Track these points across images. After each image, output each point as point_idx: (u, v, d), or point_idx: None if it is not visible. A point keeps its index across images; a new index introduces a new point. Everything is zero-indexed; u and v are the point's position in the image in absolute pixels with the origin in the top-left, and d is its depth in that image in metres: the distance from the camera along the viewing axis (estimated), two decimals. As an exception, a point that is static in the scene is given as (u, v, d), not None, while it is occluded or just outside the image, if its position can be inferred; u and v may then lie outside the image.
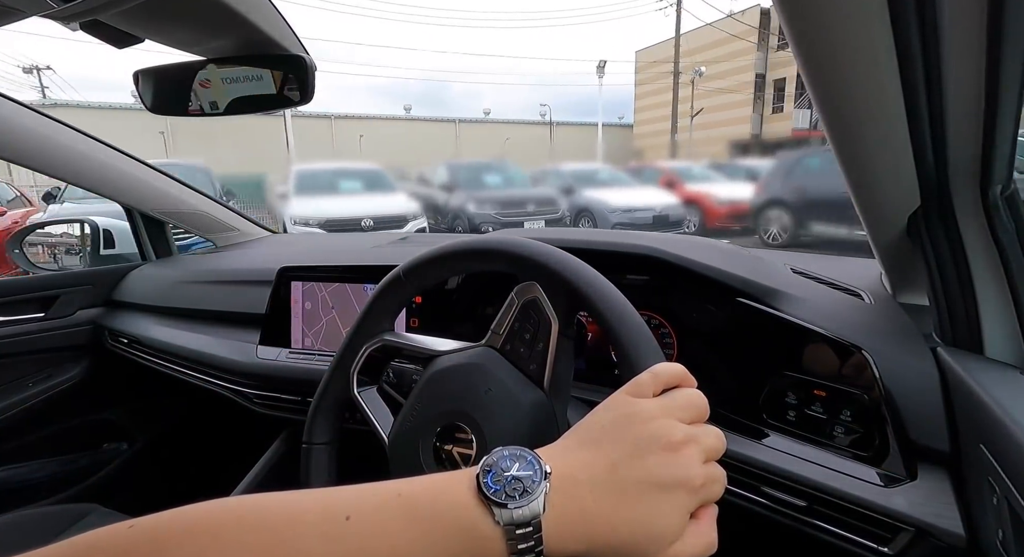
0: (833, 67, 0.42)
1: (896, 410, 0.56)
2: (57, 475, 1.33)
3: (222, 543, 0.27)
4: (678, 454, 0.32)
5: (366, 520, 0.30)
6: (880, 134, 0.49)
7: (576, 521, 0.31)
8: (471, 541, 0.30)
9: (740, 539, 0.78)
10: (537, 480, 0.31)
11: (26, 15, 0.47)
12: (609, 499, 0.31)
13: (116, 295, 1.37)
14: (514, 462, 0.32)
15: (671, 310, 0.76)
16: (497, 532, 0.30)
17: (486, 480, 0.31)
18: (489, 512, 0.30)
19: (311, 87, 0.70)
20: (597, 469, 0.32)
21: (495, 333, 0.51)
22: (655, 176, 7.80)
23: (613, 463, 0.32)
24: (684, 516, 0.32)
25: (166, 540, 0.28)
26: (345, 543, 0.29)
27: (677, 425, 0.34)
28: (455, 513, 0.31)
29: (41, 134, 1.08)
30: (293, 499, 0.30)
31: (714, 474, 0.34)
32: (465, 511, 0.31)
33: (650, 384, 0.37)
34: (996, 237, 0.52)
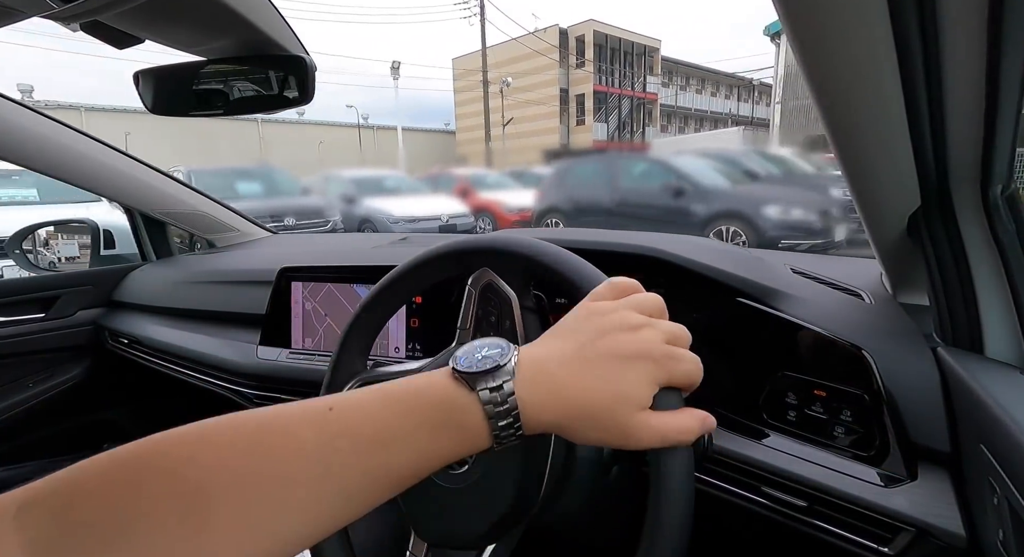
0: (833, 67, 0.42)
1: (896, 410, 0.56)
2: (57, 475, 1.33)
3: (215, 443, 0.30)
4: (637, 332, 0.36)
5: (348, 407, 0.32)
6: (880, 134, 0.49)
7: (548, 389, 0.34)
8: (450, 412, 0.33)
9: (740, 539, 0.78)
10: (507, 354, 0.34)
11: (26, 16, 0.47)
12: (577, 370, 0.34)
13: (116, 295, 1.37)
14: (484, 347, 0.35)
15: (671, 310, 0.76)
16: (472, 398, 0.33)
17: (459, 363, 0.34)
18: (464, 384, 0.33)
19: (311, 87, 0.70)
20: (565, 351, 0.35)
21: (462, 330, 0.52)
22: (452, 183, 7.71)
23: (580, 344, 0.35)
24: (650, 383, 0.35)
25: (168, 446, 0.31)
26: (330, 426, 0.31)
27: (635, 314, 0.37)
28: (432, 390, 0.33)
29: (41, 134, 1.08)
30: (277, 406, 0.32)
31: (677, 353, 0.37)
32: (441, 388, 0.33)
33: (608, 292, 0.39)
34: (996, 237, 0.52)
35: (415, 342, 0.92)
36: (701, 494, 0.67)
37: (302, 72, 0.70)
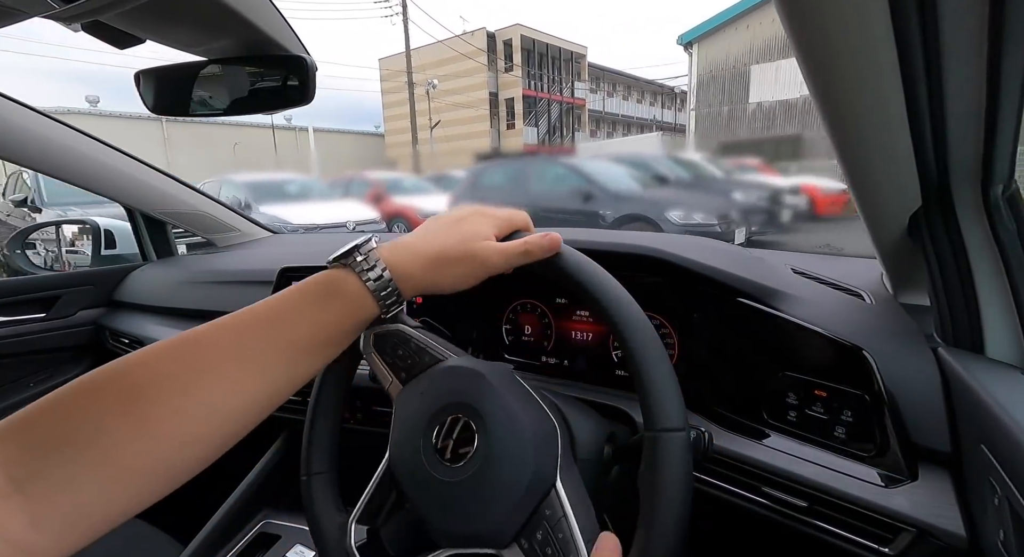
0: (833, 67, 0.42)
1: (897, 410, 0.56)
2: (58, 475, 1.33)
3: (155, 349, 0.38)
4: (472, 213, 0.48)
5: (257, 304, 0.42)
6: (881, 134, 0.49)
7: (409, 251, 0.45)
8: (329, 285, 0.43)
9: (741, 539, 0.78)
10: (367, 239, 0.45)
11: (28, 16, 0.47)
12: (429, 232, 0.47)
13: (117, 295, 1.37)
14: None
15: (672, 310, 0.76)
16: (346, 270, 0.44)
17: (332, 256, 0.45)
18: (339, 265, 0.44)
19: (312, 87, 0.70)
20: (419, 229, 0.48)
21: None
22: (366, 188, 7.35)
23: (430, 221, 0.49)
24: (488, 226, 0.47)
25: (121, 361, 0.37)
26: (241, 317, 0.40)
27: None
28: (317, 276, 0.44)
29: (43, 135, 1.08)
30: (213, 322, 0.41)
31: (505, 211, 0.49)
32: (324, 273, 0.45)
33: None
34: (997, 237, 0.52)
35: (415, 342, 0.92)
36: (701, 494, 0.67)
37: (303, 72, 0.70)
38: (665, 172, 6.06)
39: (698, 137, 14.17)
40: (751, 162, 7.06)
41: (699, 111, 13.83)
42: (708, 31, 13.35)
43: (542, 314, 0.86)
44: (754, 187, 5.80)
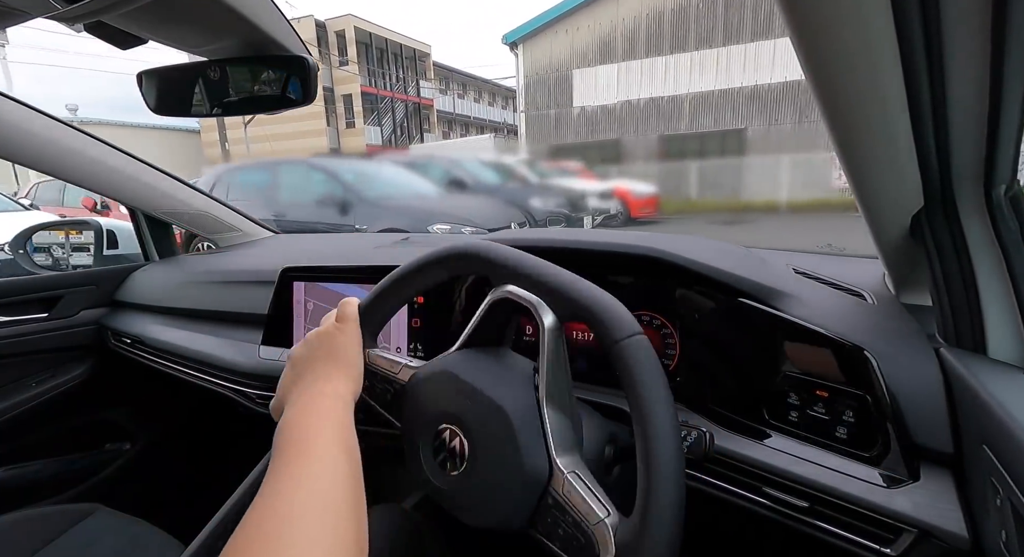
0: (835, 66, 0.42)
1: (899, 411, 0.56)
2: (60, 475, 1.33)
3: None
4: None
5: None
6: (883, 134, 0.49)
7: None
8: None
9: (741, 539, 0.78)
10: None
11: (31, 16, 0.48)
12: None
13: (119, 295, 1.37)
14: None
15: (673, 310, 0.76)
16: None
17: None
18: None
19: (313, 87, 0.71)
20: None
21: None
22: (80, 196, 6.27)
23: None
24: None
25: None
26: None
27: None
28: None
29: (45, 136, 1.08)
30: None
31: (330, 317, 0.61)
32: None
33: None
34: (1000, 237, 0.52)
35: (416, 342, 0.92)
36: (702, 494, 0.67)
37: (304, 72, 0.70)
38: (464, 177, 5.76)
39: (529, 140, 14.16)
40: (573, 166, 7.02)
41: (528, 113, 13.93)
42: (531, 32, 13.37)
43: None
44: (563, 192, 5.65)
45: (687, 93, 12.27)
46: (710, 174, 10.84)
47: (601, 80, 12.98)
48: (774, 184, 9.62)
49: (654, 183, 8.94)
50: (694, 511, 0.40)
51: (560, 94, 13.54)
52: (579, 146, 13.25)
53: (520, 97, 14.20)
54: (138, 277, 1.38)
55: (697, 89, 12.14)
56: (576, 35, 13.09)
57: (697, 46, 12.04)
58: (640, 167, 11.80)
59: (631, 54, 12.74)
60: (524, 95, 14.03)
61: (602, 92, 12.98)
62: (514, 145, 15.00)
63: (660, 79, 12.50)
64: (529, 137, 14.19)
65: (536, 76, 13.65)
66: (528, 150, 13.66)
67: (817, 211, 7.65)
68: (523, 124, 14.18)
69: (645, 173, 11.44)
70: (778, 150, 10.59)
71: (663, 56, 12.42)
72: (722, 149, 11.86)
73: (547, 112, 13.76)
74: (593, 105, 13.21)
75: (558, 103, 13.60)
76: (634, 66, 12.72)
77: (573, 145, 13.39)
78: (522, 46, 13.67)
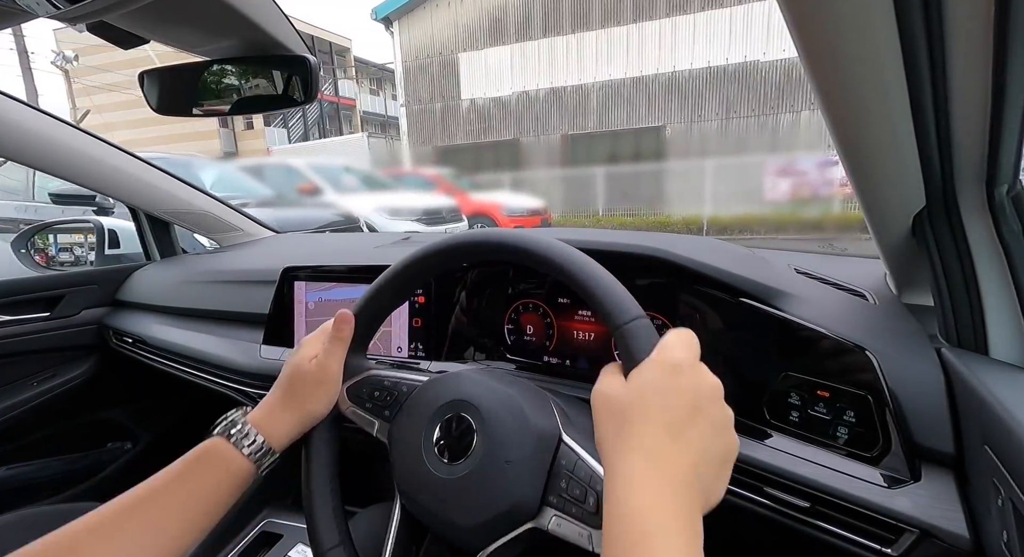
0: (837, 67, 0.42)
1: (900, 411, 0.56)
2: (61, 474, 1.33)
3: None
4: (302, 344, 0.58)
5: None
6: (885, 134, 0.49)
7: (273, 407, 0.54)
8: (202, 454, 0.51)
9: (742, 539, 0.78)
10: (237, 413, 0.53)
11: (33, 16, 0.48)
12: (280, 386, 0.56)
13: (121, 295, 1.37)
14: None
15: (674, 310, 0.76)
16: (216, 439, 0.51)
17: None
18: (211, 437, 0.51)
19: (314, 87, 0.71)
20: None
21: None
22: None
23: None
24: (311, 344, 0.57)
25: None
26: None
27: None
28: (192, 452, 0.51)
29: (46, 134, 1.08)
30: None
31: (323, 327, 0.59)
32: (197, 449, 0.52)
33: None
34: (1002, 237, 0.52)
35: (417, 342, 0.92)
36: None
37: (305, 72, 0.70)
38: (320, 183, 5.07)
39: (412, 140, 11.57)
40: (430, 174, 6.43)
41: (410, 107, 11.49)
42: (406, 4, 10.91)
43: (544, 314, 0.86)
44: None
45: (594, 82, 10.11)
46: (622, 182, 9.42)
47: (492, 66, 10.67)
48: (698, 195, 8.41)
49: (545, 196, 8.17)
50: None
51: (446, 83, 11.11)
52: (470, 147, 11.03)
53: (399, 87, 11.58)
54: (139, 277, 1.38)
55: (605, 77, 10.04)
56: (460, 9, 10.73)
57: (603, 23, 9.88)
58: (542, 173, 10.20)
59: (526, 34, 10.40)
60: (404, 85, 11.43)
61: (494, 81, 10.70)
62: (395, 147, 12.19)
63: (561, 64, 10.27)
64: (412, 136, 11.54)
65: (416, 61, 11.25)
66: (412, 153, 11.41)
67: (749, 228, 7.15)
68: (404, 120, 11.61)
69: (549, 179, 9.92)
70: (702, 153, 9.09)
71: (563, 36, 10.18)
72: (636, 151, 9.92)
73: (432, 106, 11.31)
74: (484, 97, 10.86)
75: (444, 95, 11.18)
76: (530, 49, 10.42)
77: (463, 146, 11.09)
78: (397, 24, 11.13)
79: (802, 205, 7.63)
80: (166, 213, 1.40)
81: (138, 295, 1.34)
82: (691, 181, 8.70)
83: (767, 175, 8.17)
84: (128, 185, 1.27)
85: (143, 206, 1.37)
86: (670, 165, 9.59)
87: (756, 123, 9.19)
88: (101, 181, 1.22)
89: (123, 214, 1.53)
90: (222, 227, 1.50)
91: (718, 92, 9.38)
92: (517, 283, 0.88)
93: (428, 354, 0.91)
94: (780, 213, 7.46)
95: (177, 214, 1.41)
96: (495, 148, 10.89)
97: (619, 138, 10.15)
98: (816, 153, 8.36)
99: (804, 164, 8.18)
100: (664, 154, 9.68)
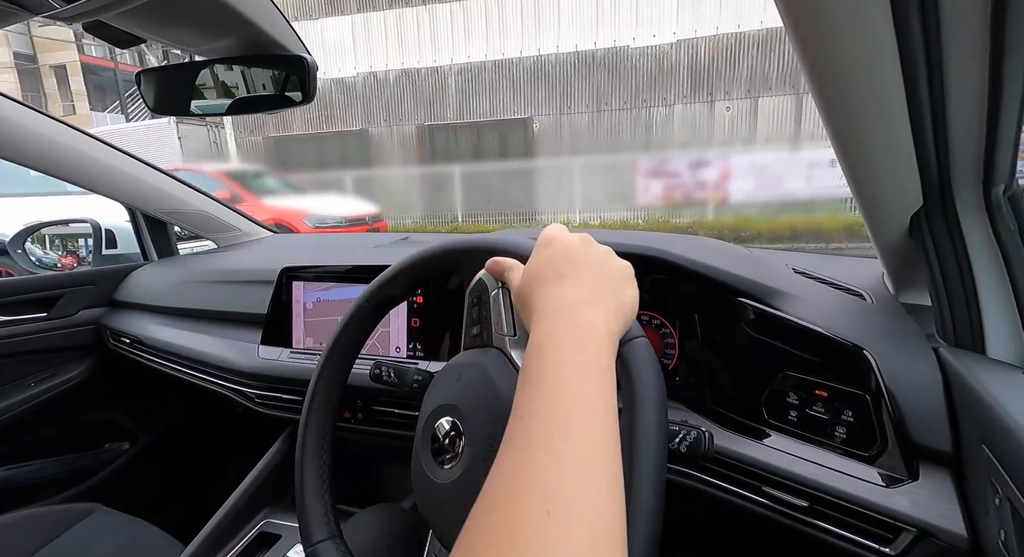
0: (834, 66, 0.42)
1: (898, 410, 0.56)
2: (59, 475, 1.33)
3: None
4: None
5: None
6: (882, 134, 0.49)
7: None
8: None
9: (741, 539, 0.78)
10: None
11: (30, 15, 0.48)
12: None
13: (118, 295, 1.37)
14: None
15: (672, 310, 0.76)
16: None
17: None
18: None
19: (312, 87, 0.71)
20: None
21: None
22: None
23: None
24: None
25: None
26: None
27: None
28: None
29: (42, 134, 1.08)
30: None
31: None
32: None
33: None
34: (998, 237, 0.52)
35: (416, 342, 0.92)
36: (701, 494, 0.67)
37: (303, 72, 0.70)
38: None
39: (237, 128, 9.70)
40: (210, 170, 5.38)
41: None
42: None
43: None
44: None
45: (451, 64, 8.82)
46: (485, 183, 8.35)
47: (331, 40, 9.14)
48: (568, 198, 7.73)
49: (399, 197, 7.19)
50: (693, 510, 0.40)
51: None
52: (310, 138, 9.46)
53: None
54: (137, 277, 1.38)
55: (463, 59, 8.74)
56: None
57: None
58: (397, 171, 8.77)
59: (368, 2, 8.99)
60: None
61: (334, 58, 9.15)
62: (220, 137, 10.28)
63: (412, 41, 8.90)
64: (238, 124, 9.72)
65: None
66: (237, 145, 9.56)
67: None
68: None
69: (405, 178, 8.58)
70: (573, 150, 8.24)
71: (412, 7, 8.81)
72: (502, 147, 8.65)
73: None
74: (324, 78, 8.99)
75: None
76: (375, 21, 9.02)
77: (301, 137, 9.50)
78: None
79: (675, 210, 7.16)
80: (163, 213, 1.40)
81: (136, 295, 1.34)
82: (561, 182, 7.97)
83: (639, 175, 7.61)
84: (125, 185, 1.27)
85: (140, 206, 1.36)
86: (541, 163, 8.52)
87: (629, 117, 8.35)
88: (98, 180, 1.22)
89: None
90: (220, 227, 1.50)
91: (587, 81, 8.39)
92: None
93: (427, 354, 0.91)
94: (651, 220, 7.11)
95: (174, 214, 1.41)
96: (341, 140, 9.37)
97: (482, 131, 8.89)
98: (690, 151, 7.80)
99: (676, 164, 7.63)
100: (533, 151, 8.58)
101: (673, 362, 0.76)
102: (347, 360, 0.60)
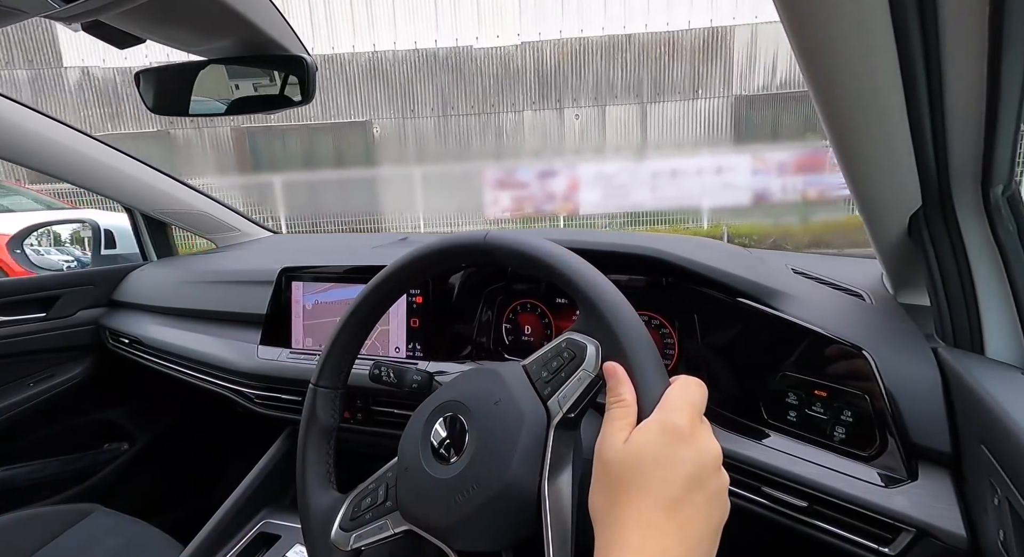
0: (833, 67, 0.42)
1: (897, 410, 0.56)
2: (58, 475, 1.33)
3: None
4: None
5: None
6: (881, 134, 0.49)
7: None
8: None
9: (740, 539, 0.78)
10: None
11: (28, 15, 0.47)
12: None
13: (117, 295, 1.37)
14: None
15: (672, 310, 0.76)
16: None
17: None
18: None
19: (312, 87, 0.70)
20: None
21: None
22: None
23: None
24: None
25: None
26: None
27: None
28: None
29: (43, 135, 1.08)
30: None
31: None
32: None
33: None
34: (997, 237, 0.52)
35: (415, 342, 0.92)
36: None
37: (303, 72, 0.70)
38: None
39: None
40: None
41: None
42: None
43: (542, 314, 0.86)
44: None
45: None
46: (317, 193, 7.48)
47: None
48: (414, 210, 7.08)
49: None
50: None
51: (32, 42, 7.40)
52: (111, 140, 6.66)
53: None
54: (136, 277, 1.38)
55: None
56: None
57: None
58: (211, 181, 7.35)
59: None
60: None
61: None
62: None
63: None
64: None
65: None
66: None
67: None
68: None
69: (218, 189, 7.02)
70: (419, 158, 7.62)
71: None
72: (338, 156, 7.88)
73: (14, 73, 7.48)
74: (104, 66, 7.45)
75: (31, 59, 7.48)
76: None
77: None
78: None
79: (527, 225, 6.74)
80: (163, 213, 1.40)
81: (135, 295, 1.34)
82: (405, 192, 7.28)
83: (487, 187, 7.15)
84: (125, 185, 1.27)
85: (140, 206, 1.36)
86: (384, 172, 7.79)
87: (478, 122, 7.83)
88: (97, 181, 1.22)
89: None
90: (219, 227, 1.50)
91: (431, 83, 7.73)
92: (515, 283, 0.88)
93: (426, 354, 0.91)
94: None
95: (174, 214, 1.41)
96: (133, 143, 7.05)
97: (316, 135, 7.94)
98: (540, 161, 7.39)
99: (524, 174, 7.26)
100: (375, 158, 7.81)
101: (672, 362, 0.76)
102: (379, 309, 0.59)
